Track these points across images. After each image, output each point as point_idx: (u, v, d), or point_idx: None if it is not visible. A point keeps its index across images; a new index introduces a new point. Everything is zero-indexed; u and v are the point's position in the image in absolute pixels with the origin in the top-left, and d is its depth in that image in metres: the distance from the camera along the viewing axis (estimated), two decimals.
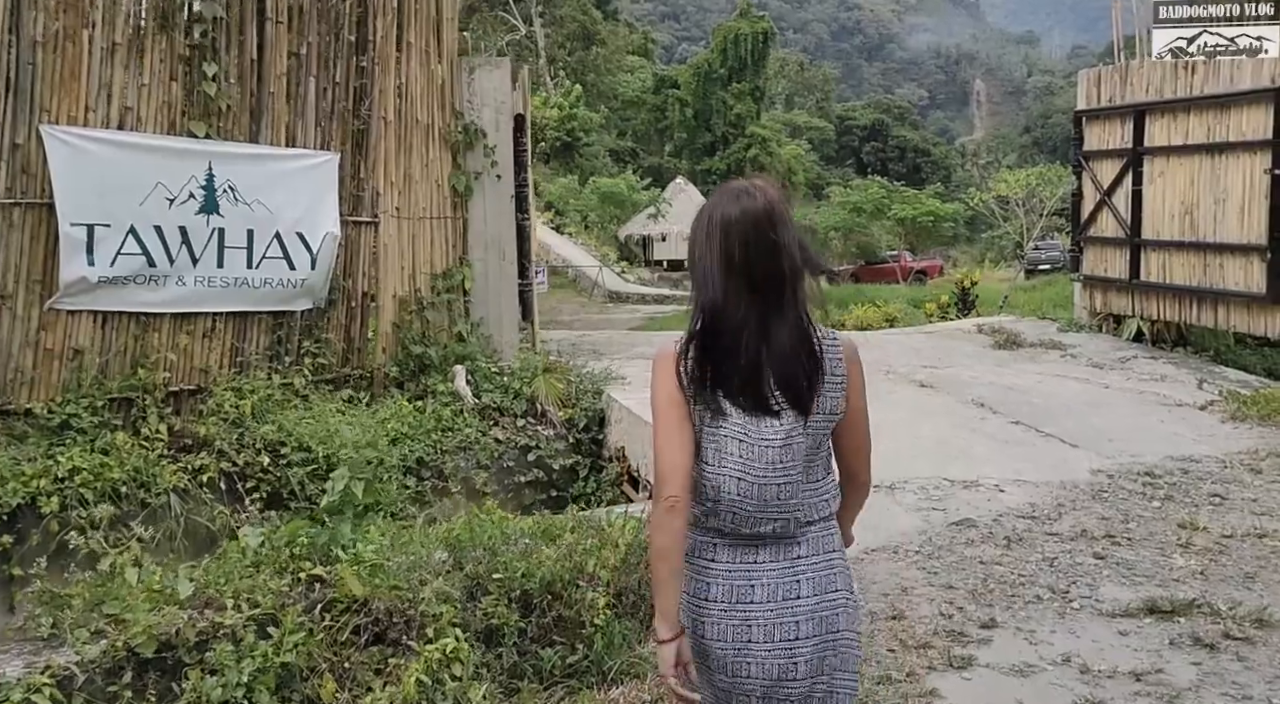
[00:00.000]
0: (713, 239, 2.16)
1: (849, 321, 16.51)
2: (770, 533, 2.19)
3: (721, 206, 2.18)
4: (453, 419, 7.40)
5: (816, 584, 2.21)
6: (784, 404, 2.14)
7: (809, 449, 2.19)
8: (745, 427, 2.13)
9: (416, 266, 7.97)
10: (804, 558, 2.21)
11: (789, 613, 2.18)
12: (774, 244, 2.13)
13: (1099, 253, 10.64)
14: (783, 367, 2.14)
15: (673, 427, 2.17)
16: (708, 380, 2.14)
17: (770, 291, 2.14)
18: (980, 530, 5.48)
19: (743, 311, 2.12)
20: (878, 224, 45.22)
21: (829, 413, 2.23)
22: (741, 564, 2.21)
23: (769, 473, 2.14)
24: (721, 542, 2.22)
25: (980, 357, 10.00)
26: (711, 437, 2.15)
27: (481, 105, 8.33)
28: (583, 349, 9.95)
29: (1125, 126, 10.04)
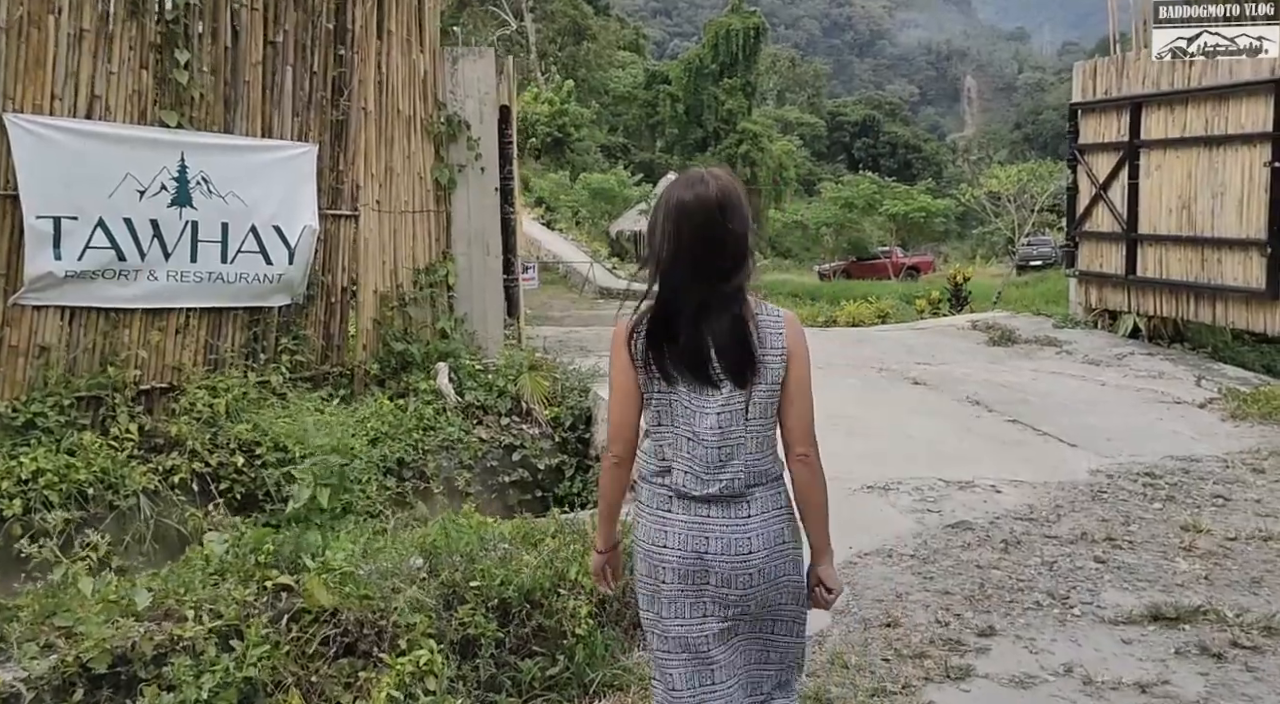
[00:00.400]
0: (667, 223, 2.35)
1: (841, 318, 16.38)
2: (719, 493, 2.41)
3: (677, 193, 2.37)
4: (435, 418, 7.20)
5: (766, 538, 2.44)
6: (724, 377, 2.37)
7: (754, 417, 2.41)
8: (690, 396, 2.38)
9: (398, 261, 7.77)
10: (754, 516, 2.43)
11: (742, 564, 2.41)
12: (724, 231, 2.33)
13: (1094, 248, 10.48)
14: (723, 343, 2.34)
15: (622, 393, 2.46)
16: (655, 355, 2.37)
17: (716, 275, 2.33)
18: (977, 533, 5.32)
19: (690, 292, 2.33)
20: (869, 220, 45.09)
21: (771, 383, 2.41)
22: (696, 517, 2.42)
23: (712, 437, 2.38)
24: (676, 497, 2.44)
25: (974, 353, 9.84)
26: (662, 403, 2.41)
27: (465, 96, 8.12)
28: (570, 346, 9.76)
29: (1121, 119, 9.88)
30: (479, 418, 7.46)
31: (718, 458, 2.40)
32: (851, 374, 8.80)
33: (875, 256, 44.36)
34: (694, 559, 2.42)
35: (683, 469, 2.42)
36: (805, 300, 26.20)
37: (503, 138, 8.51)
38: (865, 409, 7.49)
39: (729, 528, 2.42)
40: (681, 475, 2.42)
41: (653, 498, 2.48)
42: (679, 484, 2.42)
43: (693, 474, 2.41)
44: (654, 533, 2.46)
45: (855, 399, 7.84)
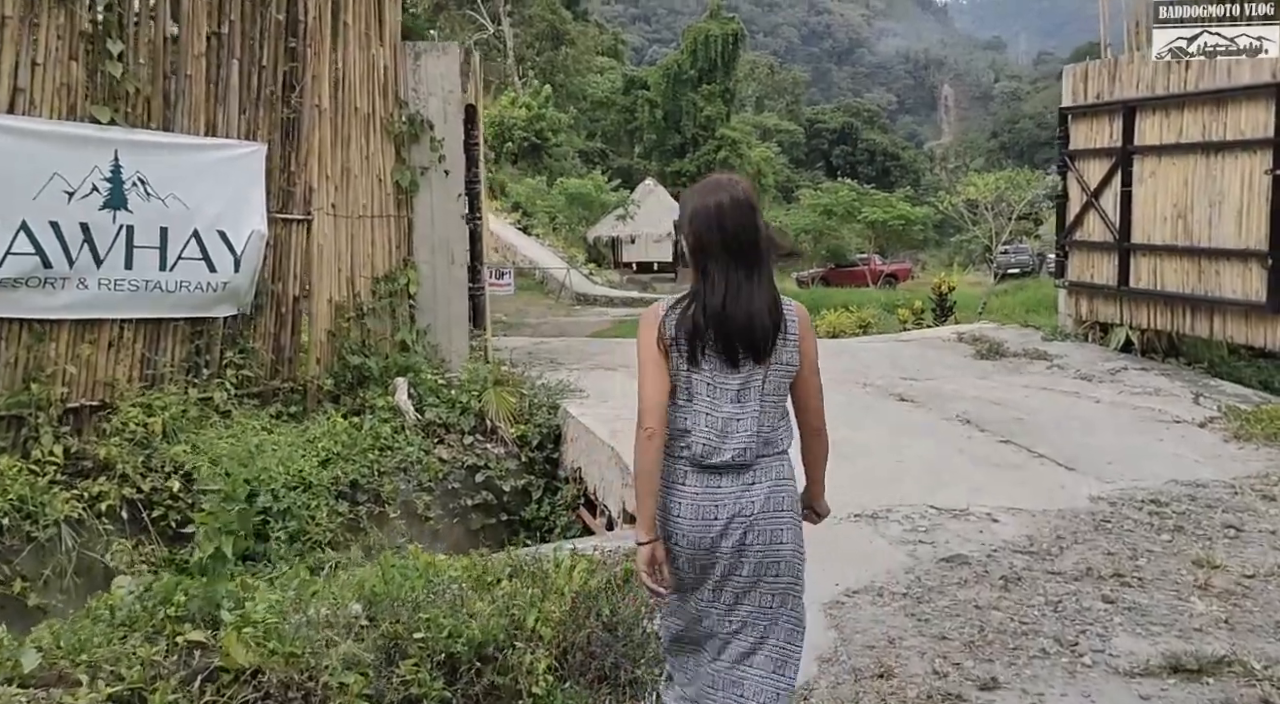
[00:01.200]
0: (709, 223, 2.65)
1: (822, 327, 15.95)
2: (730, 462, 2.66)
3: (714, 197, 2.68)
4: (393, 437, 6.74)
5: (768, 504, 2.68)
6: (746, 356, 2.64)
7: (768, 395, 2.68)
8: (713, 374, 2.65)
9: (355, 269, 7.30)
10: (758, 483, 2.68)
11: (742, 522, 2.66)
12: (754, 225, 2.66)
13: (1085, 258, 10.13)
14: (750, 324, 2.61)
15: (652, 373, 2.66)
16: (686, 337, 2.64)
17: (752, 263, 2.65)
18: (974, 568, 4.90)
19: (730, 279, 2.63)
20: (848, 227, 44.81)
21: (786, 365, 2.70)
22: (707, 489, 2.68)
23: (731, 408, 2.65)
24: (691, 469, 2.69)
25: (962, 367, 9.45)
26: (685, 381, 2.67)
27: (428, 94, 7.67)
28: (539, 358, 9.30)
29: (1114, 124, 9.53)
30: (440, 436, 7.00)
31: (733, 429, 2.66)
32: (835, 389, 8.33)
33: (854, 264, 44.14)
34: (703, 526, 2.68)
35: (700, 440, 2.67)
36: None
37: (468, 139, 8.06)
38: (851, 429, 7.07)
39: (737, 495, 2.68)
40: (700, 446, 2.68)
41: (671, 470, 2.73)
42: (695, 454, 2.68)
43: (708, 445, 2.67)
44: (668, 502, 2.72)
45: (840, 417, 7.38)
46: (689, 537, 2.69)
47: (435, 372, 7.45)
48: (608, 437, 6.49)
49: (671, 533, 2.71)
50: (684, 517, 2.69)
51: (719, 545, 2.68)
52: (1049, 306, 26.26)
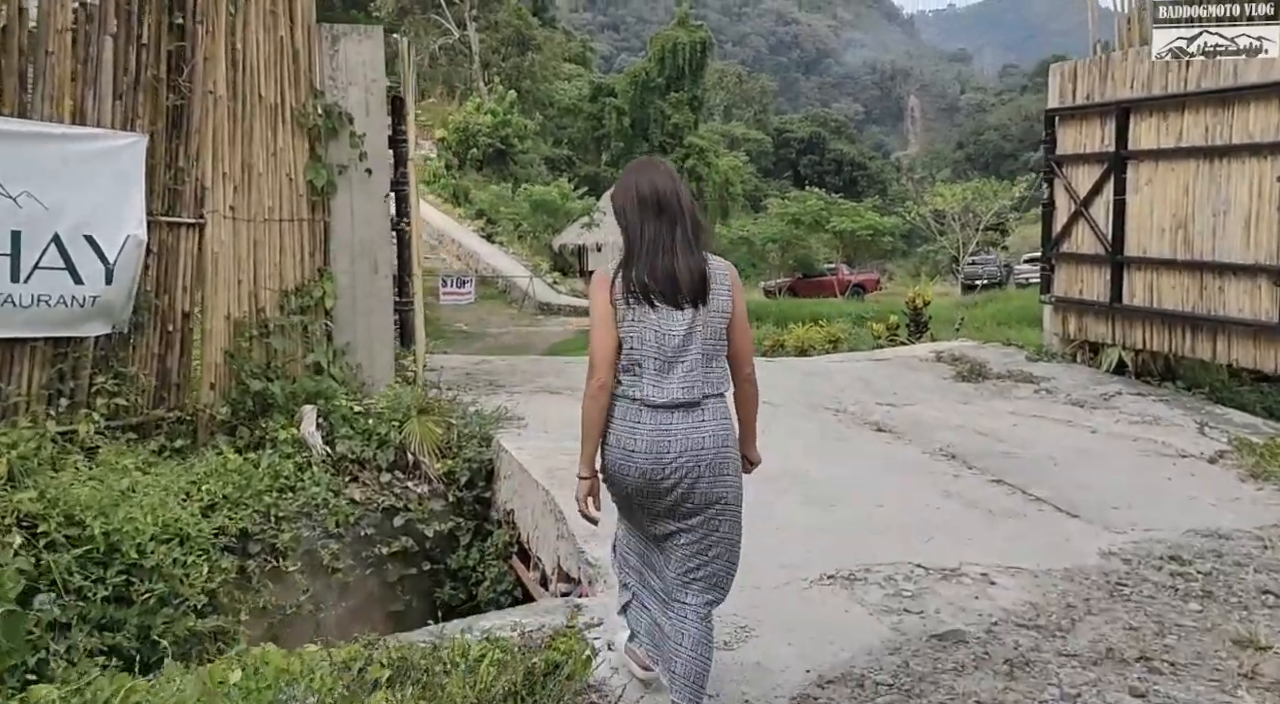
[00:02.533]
0: (642, 192, 3.10)
1: (789, 342, 15.15)
2: (678, 401, 3.06)
3: (644, 173, 3.16)
4: (296, 475, 5.82)
5: (715, 438, 3.10)
6: (688, 300, 3.06)
7: (708, 339, 3.10)
8: (660, 319, 3.06)
9: (259, 280, 6.38)
10: (707, 421, 3.09)
11: (695, 457, 3.07)
12: (674, 190, 3.12)
13: (1073, 272, 9.37)
14: (689, 271, 3.05)
15: (602, 330, 3.09)
16: (634, 290, 3.05)
17: (675, 221, 3.08)
18: (972, 648, 4.06)
19: (663, 238, 3.06)
20: (816, 237, 44.23)
21: (720, 311, 3.12)
22: (661, 425, 3.06)
23: (675, 352, 3.06)
24: (644, 409, 3.08)
25: (943, 391, 8.65)
26: (635, 327, 3.07)
27: (348, 83, 6.77)
28: (478, 380, 8.40)
29: (1106, 127, 8.79)
30: (353, 474, 6.09)
31: (678, 371, 3.04)
32: (805, 417, 7.55)
33: (822, 274, 43.67)
34: (655, 457, 3.03)
35: (650, 382, 3.04)
36: (751, 321, 25.05)
37: (396, 134, 7.18)
38: (823, 465, 6.24)
39: (687, 430, 3.04)
40: (649, 387, 3.04)
41: (625, 411, 3.08)
42: (646, 395, 3.04)
43: (658, 385, 3.04)
44: (625, 439, 3.07)
45: (811, 451, 6.59)
46: (643, 469, 3.05)
47: (353, 397, 6.54)
48: (543, 477, 5.61)
49: (629, 467, 3.07)
50: (638, 450, 3.05)
51: (672, 476, 3.05)
52: (1022, 319, 25.66)
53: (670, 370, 3.03)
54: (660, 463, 3.02)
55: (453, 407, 6.88)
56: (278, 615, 5.52)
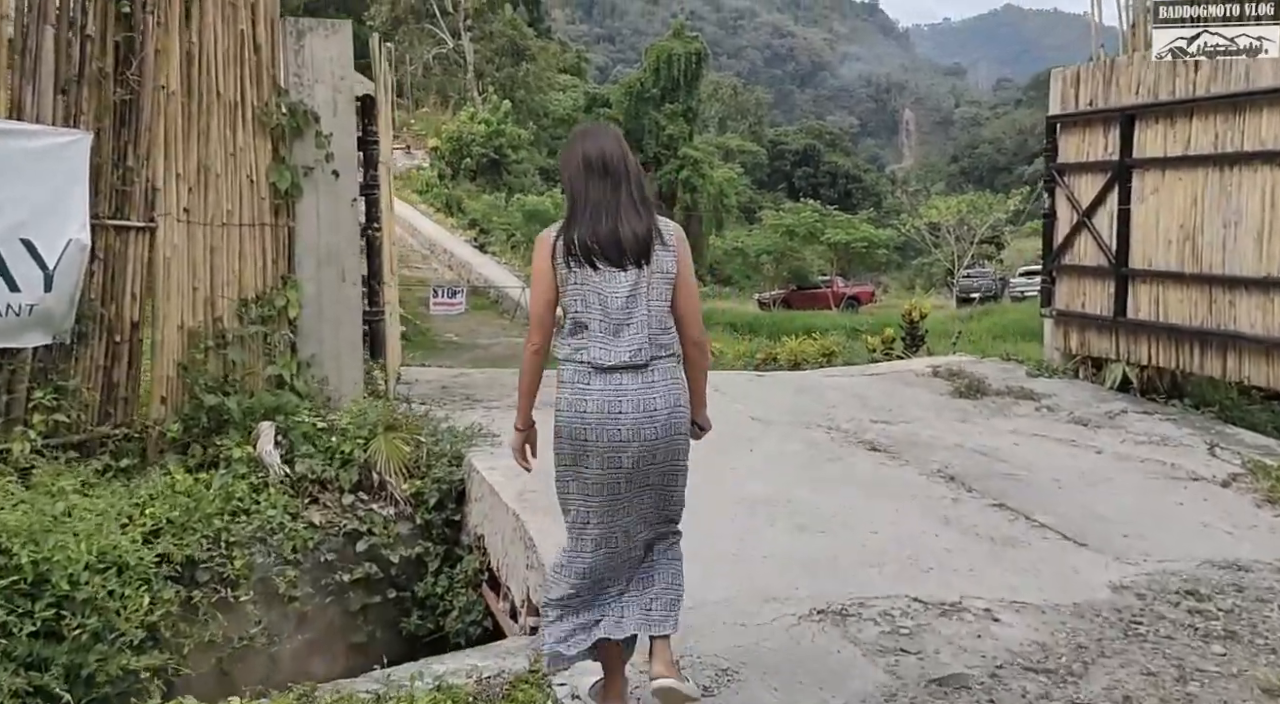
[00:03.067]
0: (589, 155, 3.11)
1: (781, 355, 14.79)
2: (627, 363, 3.05)
3: (590, 137, 3.18)
4: (250, 497, 5.44)
5: (667, 399, 3.11)
6: (631, 261, 3.06)
7: (653, 300, 3.09)
8: (603, 281, 3.06)
9: (216, 288, 6.01)
10: (658, 382, 3.09)
11: (649, 419, 3.07)
12: (618, 152, 3.14)
13: (1076, 284, 9.03)
14: (633, 232, 3.06)
15: (542, 293, 3.10)
16: (577, 250, 3.04)
17: (618, 181, 3.10)
18: (975, 695, 3.70)
19: (607, 200, 3.07)
20: (810, 248, 43.99)
21: (665, 272, 3.12)
22: (611, 385, 3.06)
23: (620, 314, 3.05)
24: (594, 372, 3.06)
25: (940, 408, 8.29)
26: (579, 289, 3.07)
27: (314, 81, 6.41)
28: (454, 394, 8.02)
29: (1110, 134, 8.45)
30: (314, 495, 5.71)
31: (625, 332, 3.06)
32: (795, 435, 7.19)
33: (816, 286, 43.45)
34: (611, 419, 3.05)
35: (598, 345, 3.06)
36: (744, 333, 24.65)
37: (366, 135, 6.83)
38: (813, 489, 5.87)
39: (638, 391, 3.07)
40: (597, 350, 3.06)
41: (574, 374, 3.10)
42: (594, 358, 3.06)
43: (605, 348, 3.06)
44: (576, 402, 3.08)
45: (800, 473, 6.22)
46: (597, 431, 3.03)
47: (316, 412, 6.16)
48: (513, 500, 5.24)
49: (584, 430, 3.05)
50: (590, 412, 3.04)
51: (628, 436, 3.04)
52: (1019, 332, 25.39)
53: (617, 332, 3.04)
54: (617, 424, 3.04)
55: (423, 423, 6.50)
56: (227, 649, 5.13)
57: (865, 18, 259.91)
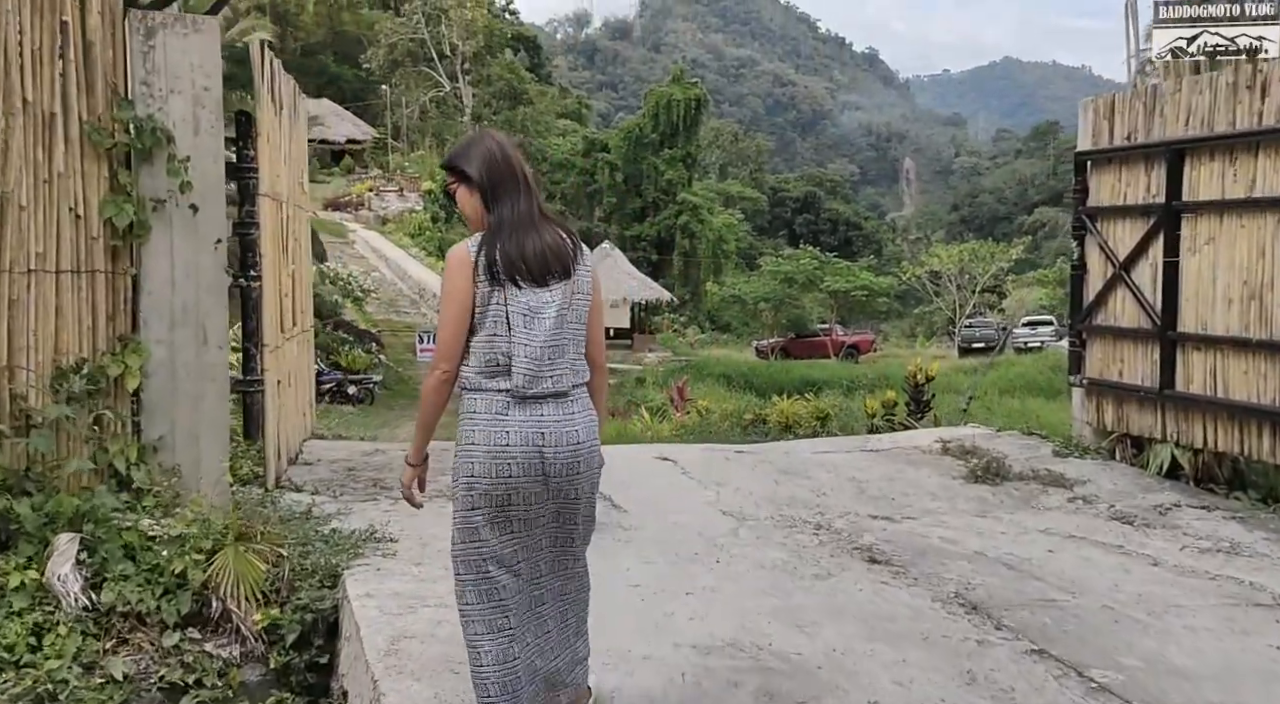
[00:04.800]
0: (503, 167, 2.94)
1: (772, 416, 13.44)
2: (550, 391, 2.88)
3: (488, 142, 3.01)
4: (27, 642, 4.02)
5: (587, 430, 2.98)
6: (556, 277, 2.91)
7: (572, 323, 2.94)
8: (529, 301, 2.86)
9: (14, 355, 4.63)
10: (578, 413, 2.95)
11: (573, 452, 2.91)
12: (523, 164, 3.01)
13: (1111, 348, 7.66)
14: (555, 246, 2.92)
15: (455, 315, 2.87)
16: (501, 266, 2.85)
17: (531, 195, 2.97)
18: None
19: (525, 213, 2.92)
20: (809, 296, 42.82)
21: (584, 293, 2.98)
22: (533, 417, 2.87)
23: (546, 338, 2.86)
24: (513, 401, 2.86)
25: (953, 496, 6.88)
26: (499, 315, 2.86)
27: (169, 90, 5.08)
28: (360, 477, 6.59)
29: (1154, 173, 7.12)
30: (122, 634, 4.28)
31: (549, 357, 2.87)
32: (774, 538, 5.76)
33: (815, 334, 42.30)
34: (534, 452, 2.86)
35: (521, 371, 2.85)
36: (737, 386, 23.20)
37: (242, 161, 5.48)
38: (793, 626, 4.44)
39: (560, 422, 2.90)
40: (521, 378, 2.85)
41: (490, 405, 2.87)
42: (518, 386, 2.85)
43: (529, 375, 2.85)
44: (495, 435, 2.85)
45: (778, 601, 4.78)
46: (523, 466, 2.85)
47: (155, 514, 4.75)
48: (380, 650, 3.82)
49: (506, 468, 2.84)
50: (513, 444, 2.84)
51: (554, 472, 2.89)
52: (1025, 388, 23.96)
53: (540, 358, 2.88)
54: (542, 457, 2.88)
55: (295, 526, 5.08)
56: None
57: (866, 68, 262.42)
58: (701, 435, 13.60)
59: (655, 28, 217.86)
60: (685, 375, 20.38)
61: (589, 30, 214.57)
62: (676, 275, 61.59)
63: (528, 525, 2.93)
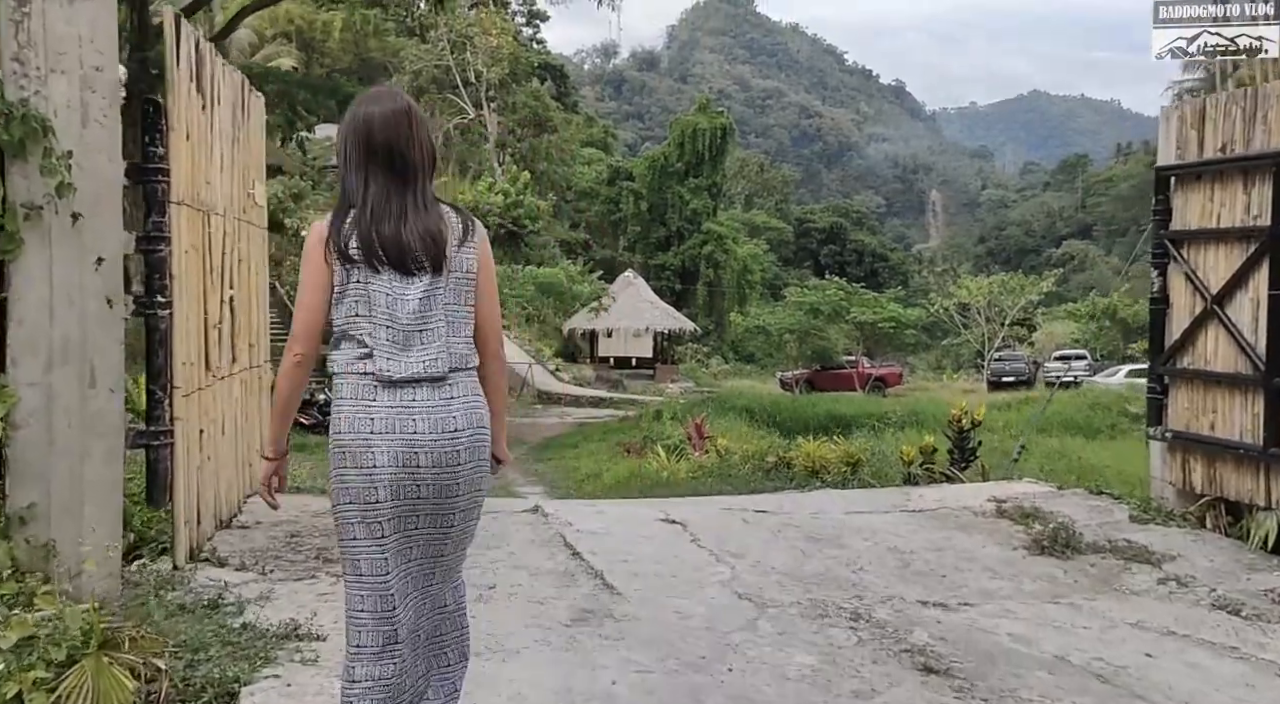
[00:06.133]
0: (359, 133, 2.64)
1: (796, 459, 12.24)
2: (422, 374, 2.60)
3: (367, 105, 2.67)
4: None
5: (468, 418, 2.67)
6: (423, 266, 2.62)
7: (451, 304, 2.67)
8: (391, 283, 2.60)
9: None
10: (457, 398, 2.65)
11: (450, 442, 2.61)
12: (410, 136, 2.66)
13: (1200, 396, 6.50)
14: (421, 234, 2.62)
15: (312, 294, 2.63)
16: (357, 249, 2.59)
17: (408, 175, 2.65)
18: None
19: (386, 192, 2.62)
20: (835, 327, 41.69)
21: (465, 272, 2.70)
22: (402, 402, 2.59)
23: (410, 321, 2.60)
24: (380, 386, 2.59)
25: (1016, 573, 5.72)
26: (360, 294, 2.60)
27: (48, 70, 4.08)
28: (304, 545, 5.49)
29: (1256, 190, 5.99)
30: None
31: (417, 340, 2.60)
32: (802, 631, 4.63)
33: (841, 366, 41.12)
34: (403, 443, 2.57)
35: (384, 355, 2.59)
36: (760, 422, 21.97)
37: (148, 159, 4.46)
38: None
39: (434, 408, 2.61)
40: (383, 361, 2.59)
41: (355, 390, 2.60)
42: (381, 370, 2.59)
43: (394, 358, 2.59)
44: (360, 423, 2.58)
45: None
46: (390, 455, 2.57)
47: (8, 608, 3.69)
48: None
49: (372, 457, 2.58)
50: (378, 433, 2.58)
51: (426, 462, 2.60)
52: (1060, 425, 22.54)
53: (408, 340, 2.61)
54: (412, 447, 2.58)
55: (191, 621, 4.00)
56: None
57: (892, 100, 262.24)
58: (720, 478, 12.55)
59: (682, 59, 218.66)
60: (704, 412, 19.21)
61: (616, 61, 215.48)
62: (701, 305, 60.78)
63: (398, 525, 2.63)
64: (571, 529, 5.80)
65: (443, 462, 2.61)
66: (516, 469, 18.13)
